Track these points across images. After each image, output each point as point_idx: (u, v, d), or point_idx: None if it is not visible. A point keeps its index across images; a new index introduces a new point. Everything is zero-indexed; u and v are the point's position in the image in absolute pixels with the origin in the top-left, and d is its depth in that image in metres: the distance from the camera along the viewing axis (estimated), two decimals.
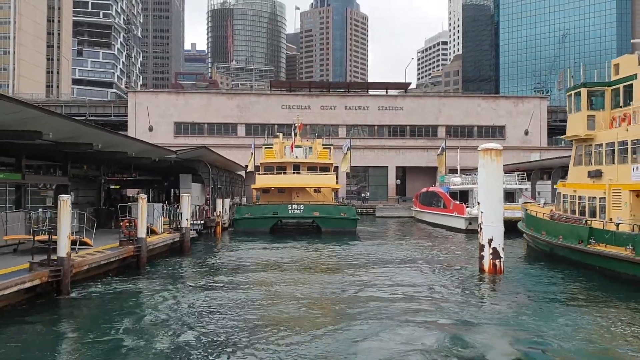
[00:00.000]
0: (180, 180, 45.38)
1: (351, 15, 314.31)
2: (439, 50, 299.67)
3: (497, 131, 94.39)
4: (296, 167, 52.05)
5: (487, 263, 25.01)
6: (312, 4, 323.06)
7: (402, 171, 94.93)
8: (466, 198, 54.01)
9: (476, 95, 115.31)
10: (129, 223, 27.13)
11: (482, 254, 25.33)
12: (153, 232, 31.21)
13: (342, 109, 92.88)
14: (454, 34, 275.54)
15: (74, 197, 32.26)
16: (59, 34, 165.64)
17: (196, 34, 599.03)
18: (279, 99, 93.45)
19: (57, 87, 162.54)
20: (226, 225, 49.51)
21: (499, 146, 25.60)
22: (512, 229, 37.58)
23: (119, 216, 31.44)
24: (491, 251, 24.88)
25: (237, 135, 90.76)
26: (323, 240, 41.54)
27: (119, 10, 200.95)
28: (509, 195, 51.19)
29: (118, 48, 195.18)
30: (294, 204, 48.19)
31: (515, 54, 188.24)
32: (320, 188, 52.31)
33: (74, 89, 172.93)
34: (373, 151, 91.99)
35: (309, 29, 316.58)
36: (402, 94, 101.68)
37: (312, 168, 52.56)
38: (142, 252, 26.35)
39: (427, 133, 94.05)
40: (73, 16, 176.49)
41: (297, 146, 54.00)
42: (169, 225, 35.23)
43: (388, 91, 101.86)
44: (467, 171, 67.37)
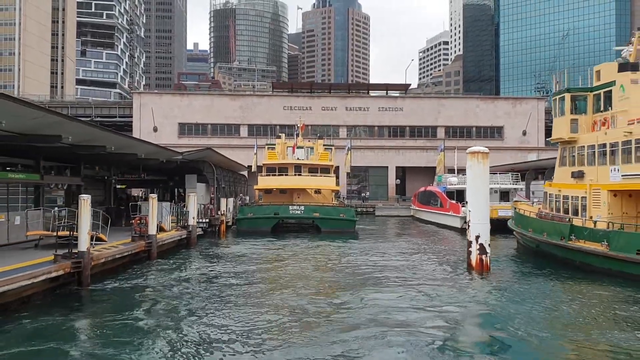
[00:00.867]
0: (186, 180, 47.21)
1: (353, 15, 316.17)
2: (440, 50, 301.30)
3: (495, 132, 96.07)
4: (297, 168, 53.42)
5: (474, 258, 26.76)
6: (314, 4, 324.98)
7: (401, 171, 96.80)
8: (462, 197, 55.58)
9: (475, 96, 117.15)
10: (140, 220, 28.98)
11: (469, 249, 27.09)
12: (162, 229, 33.08)
13: (342, 109, 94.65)
14: (455, 34, 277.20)
15: None
16: (63, 34, 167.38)
17: (199, 33, 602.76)
18: (280, 100, 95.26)
19: (62, 88, 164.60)
20: (230, 224, 51.34)
21: (485, 149, 27.30)
22: (506, 227, 39.64)
23: (130, 214, 33.32)
24: (478, 247, 26.63)
25: (239, 136, 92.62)
26: (322, 239, 43.40)
27: (122, 10, 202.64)
28: (504, 195, 52.96)
29: (121, 48, 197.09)
30: (294, 205, 49.80)
31: (515, 54, 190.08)
32: (320, 189, 53.98)
33: (77, 89, 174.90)
34: (373, 151, 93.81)
35: (310, 29, 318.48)
36: (402, 95, 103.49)
37: (313, 169, 54.00)
38: (153, 248, 28.31)
39: (426, 133, 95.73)
40: (77, 17, 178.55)
41: (299, 147, 55.60)
42: (176, 223, 37.12)
43: (388, 92, 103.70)
44: (465, 171, 68.87)
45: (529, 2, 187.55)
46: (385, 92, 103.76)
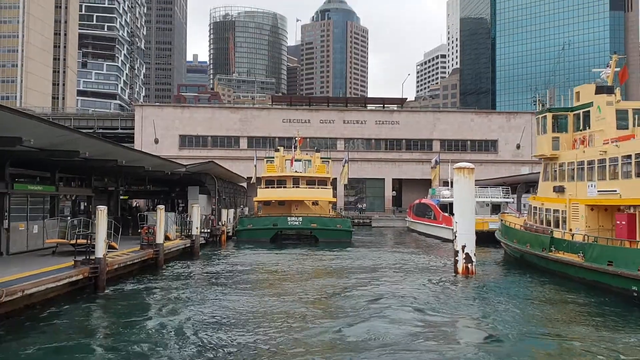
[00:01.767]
0: (189, 191, 49.13)
1: (351, 28, 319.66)
2: (437, 64, 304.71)
3: (489, 145, 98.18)
4: (295, 181, 55.03)
5: (460, 266, 28.80)
6: (313, 17, 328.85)
7: (398, 183, 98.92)
8: None
9: (469, 110, 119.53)
10: (148, 230, 30.90)
11: (456, 258, 29.13)
12: (167, 238, 34.96)
13: (340, 123, 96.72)
14: (452, 47, 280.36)
15: (93, 207, 36.11)
16: (65, 46, 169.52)
17: (198, 45, 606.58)
18: (279, 113, 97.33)
19: (63, 99, 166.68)
20: (230, 234, 53.20)
21: (471, 165, 29.35)
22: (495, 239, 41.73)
23: (138, 224, 35.26)
24: (464, 256, 28.66)
25: (239, 148, 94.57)
26: (319, 248, 45.33)
27: (123, 23, 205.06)
28: (496, 208, 54.86)
29: (122, 60, 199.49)
30: (292, 216, 51.54)
31: (511, 68, 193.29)
32: (318, 201, 55.83)
33: (78, 100, 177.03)
34: (370, 164, 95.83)
35: (309, 41, 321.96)
36: (398, 108, 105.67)
37: (311, 181, 55.56)
38: (160, 255, 30.30)
39: (422, 146, 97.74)
40: (78, 29, 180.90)
41: (297, 160, 57.50)
42: (179, 232, 39.04)
43: (385, 106, 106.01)
44: None
45: (525, 16, 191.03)
46: (382, 105, 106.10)
